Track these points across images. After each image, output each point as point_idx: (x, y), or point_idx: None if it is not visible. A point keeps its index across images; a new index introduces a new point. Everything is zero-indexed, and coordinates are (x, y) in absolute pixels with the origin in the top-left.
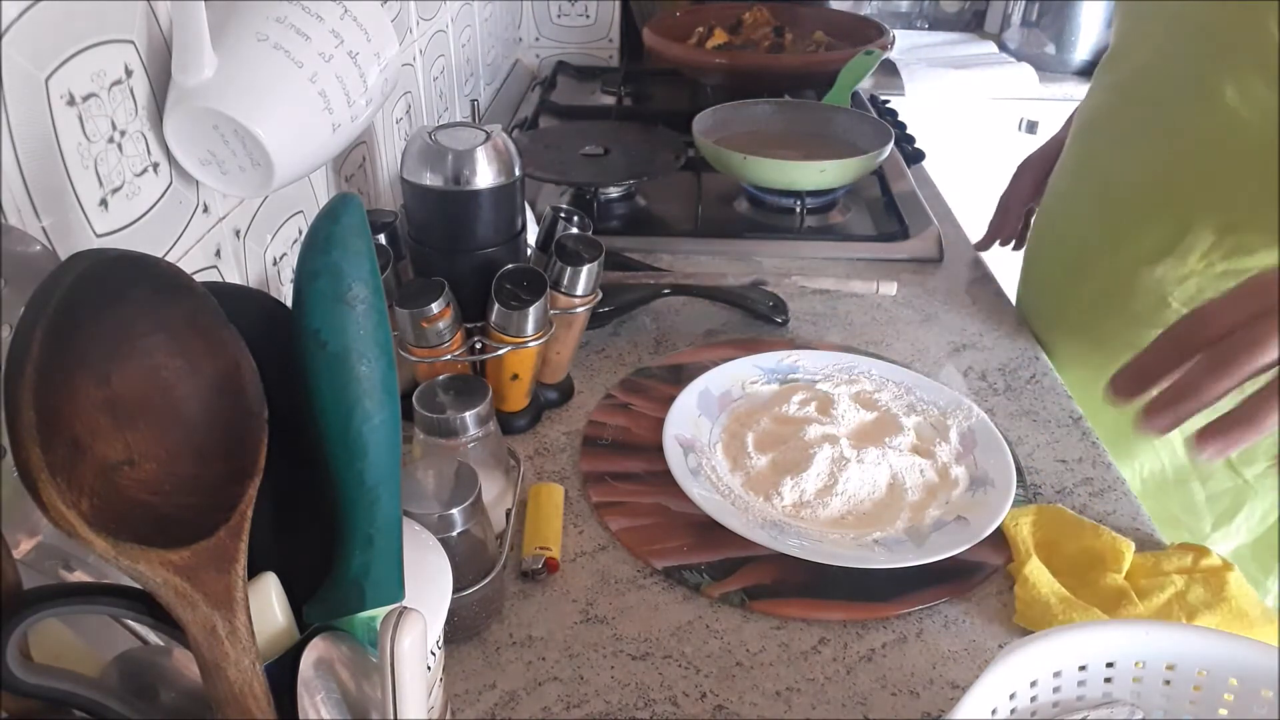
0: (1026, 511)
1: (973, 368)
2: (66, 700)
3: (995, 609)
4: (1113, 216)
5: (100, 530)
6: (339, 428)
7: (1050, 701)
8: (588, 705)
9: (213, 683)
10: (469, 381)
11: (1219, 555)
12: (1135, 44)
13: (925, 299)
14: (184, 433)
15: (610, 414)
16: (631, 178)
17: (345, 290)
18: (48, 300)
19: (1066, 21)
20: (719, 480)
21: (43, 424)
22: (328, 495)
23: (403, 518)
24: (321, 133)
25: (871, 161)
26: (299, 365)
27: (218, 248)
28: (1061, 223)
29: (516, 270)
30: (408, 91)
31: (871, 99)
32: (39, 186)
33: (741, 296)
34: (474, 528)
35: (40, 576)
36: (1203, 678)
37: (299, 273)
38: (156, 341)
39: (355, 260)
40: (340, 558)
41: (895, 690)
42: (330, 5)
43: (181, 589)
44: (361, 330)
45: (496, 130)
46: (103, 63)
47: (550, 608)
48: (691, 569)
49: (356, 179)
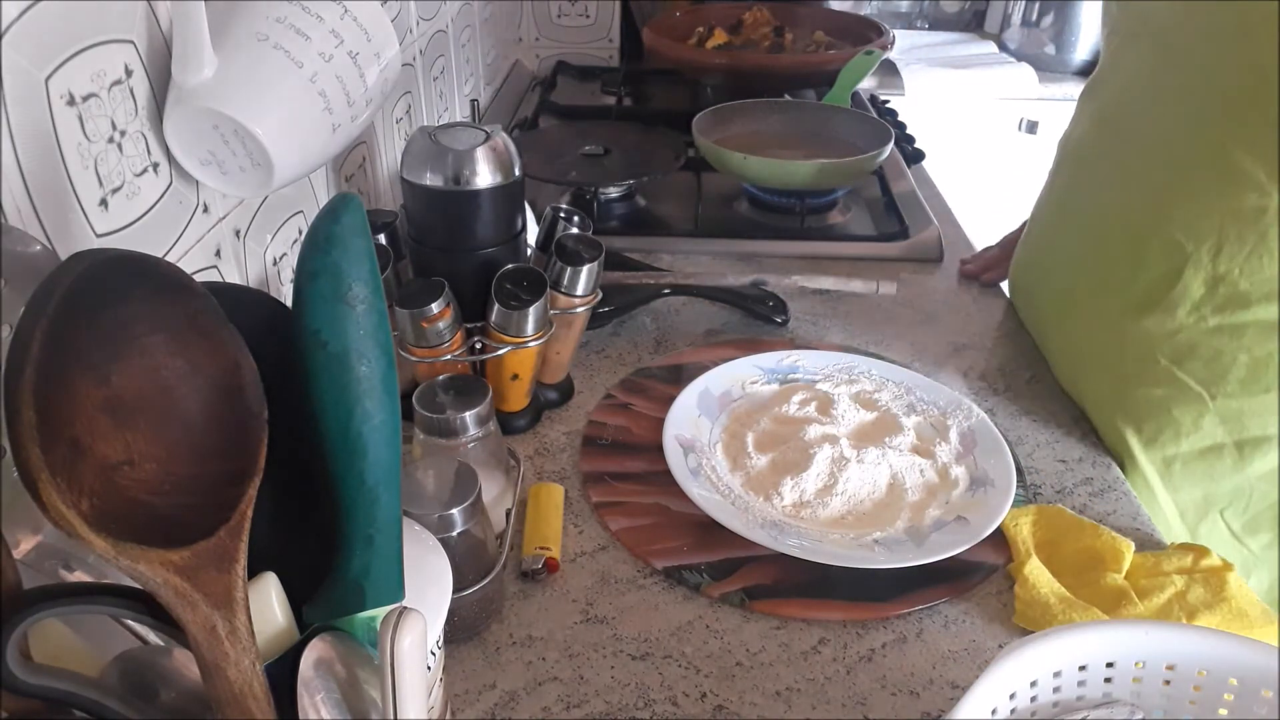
0: (1026, 511)
1: (973, 368)
2: (66, 700)
3: (995, 609)
4: (1097, 260)
5: (100, 530)
6: (339, 428)
7: (1050, 701)
8: (588, 705)
9: (213, 683)
10: (469, 381)
11: (1219, 555)
12: (1122, 67)
13: (925, 299)
14: (184, 433)
15: (610, 414)
16: (631, 178)
17: (345, 290)
18: (48, 300)
19: (1066, 21)
20: (719, 480)
21: (43, 424)
22: (328, 495)
23: (403, 518)
24: (321, 133)
25: (871, 161)
26: (299, 365)
27: (218, 248)
28: (1046, 258)
29: (516, 270)
30: (408, 91)
31: (871, 99)
32: (39, 186)
33: (741, 296)
34: (474, 528)
35: (40, 576)
36: (1203, 678)
37: (299, 272)
38: (156, 341)
39: (356, 260)
40: (340, 558)
41: (895, 690)
42: (330, 5)
43: (182, 589)
44: (362, 330)
45: (496, 130)
46: (103, 63)
47: (550, 608)
48: (691, 569)
49: (356, 179)
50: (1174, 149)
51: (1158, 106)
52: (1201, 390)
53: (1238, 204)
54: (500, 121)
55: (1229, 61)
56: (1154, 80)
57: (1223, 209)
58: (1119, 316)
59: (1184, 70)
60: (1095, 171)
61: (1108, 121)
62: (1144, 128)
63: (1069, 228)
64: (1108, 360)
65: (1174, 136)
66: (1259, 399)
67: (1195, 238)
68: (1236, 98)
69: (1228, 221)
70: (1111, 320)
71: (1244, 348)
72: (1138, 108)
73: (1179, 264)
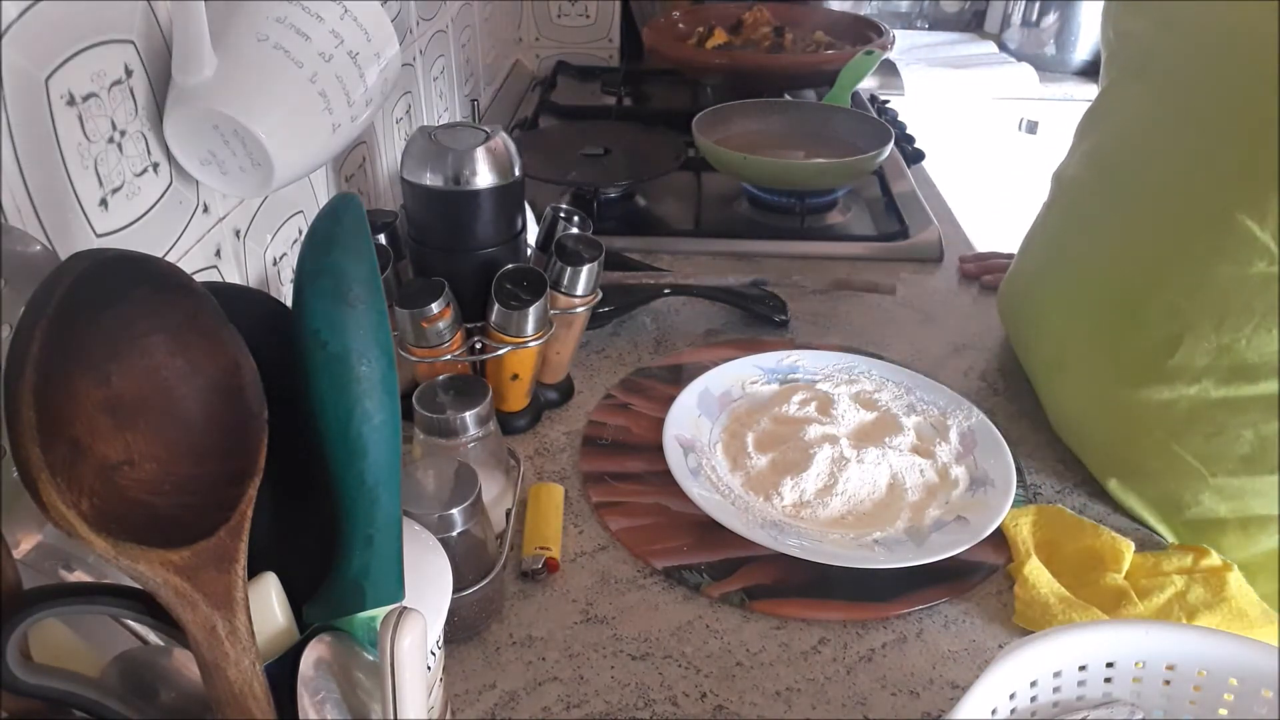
0: (1026, 511)
1: (973, 368)
2: (66, 700)
3: (995, 609)
4: (1090, 316)
5: (100, 530)
6: (339, 428)
7: (1050, 701)
8: (588, 705)
9: (213, 683)
10: (469, 381)
11: (1218, 555)
12: (1121, 107)
13: (925, 299)
14: (184, 432)
15: (610, 414)
16: (631, 178)
17: (346, 290)
18: (48, 300)
19: (1066, 21)
20: (719, 480)
21: (42, 424)
22: (327, 495)
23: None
24: (321, 133)
25: (871, 161)
26: (299, 365)
27: (218, 248)
28: (1036, 301)
29: (516, 270)
30: (408, 91)
31: (871, 99)
32: (39, 186)
33: (741, 296)
34: (474, 528)
35: (40, 576)
36: (1203, 678)
37: (299, 272)
38: (156, 342)
39: (356, 260)
40: (340, 558)
41: (895, 690)
42: (330, 5)
43: (182, 589)
44: (362, 330)
45: (496, 130)
46: (103, 63)
47: (550, 608)
48: (691, 569)
49: (356, 179)
50: (1175, 206)
51: (1158, 159)
52: (1200, 467)
53: (1243, 271)
54: (500, 121)
55: (1237, 117)
56: (1154, 128)
57: (1227, 275)
58: (1113, 383)
59: (1187, 122)
60: (1089, 217)
61: (1104, 166)
62: (1143, 178)
63: (1061, 273)
64: (1101, 424)
65: (1175, 192)
66: (1263, 479)
67: (1197, 303)
68: (1244, 157)
69: (1232, 289)
70: (1105, 385)
71: (1249, 424)
72: (1136, 156)
73: (1178, 330)
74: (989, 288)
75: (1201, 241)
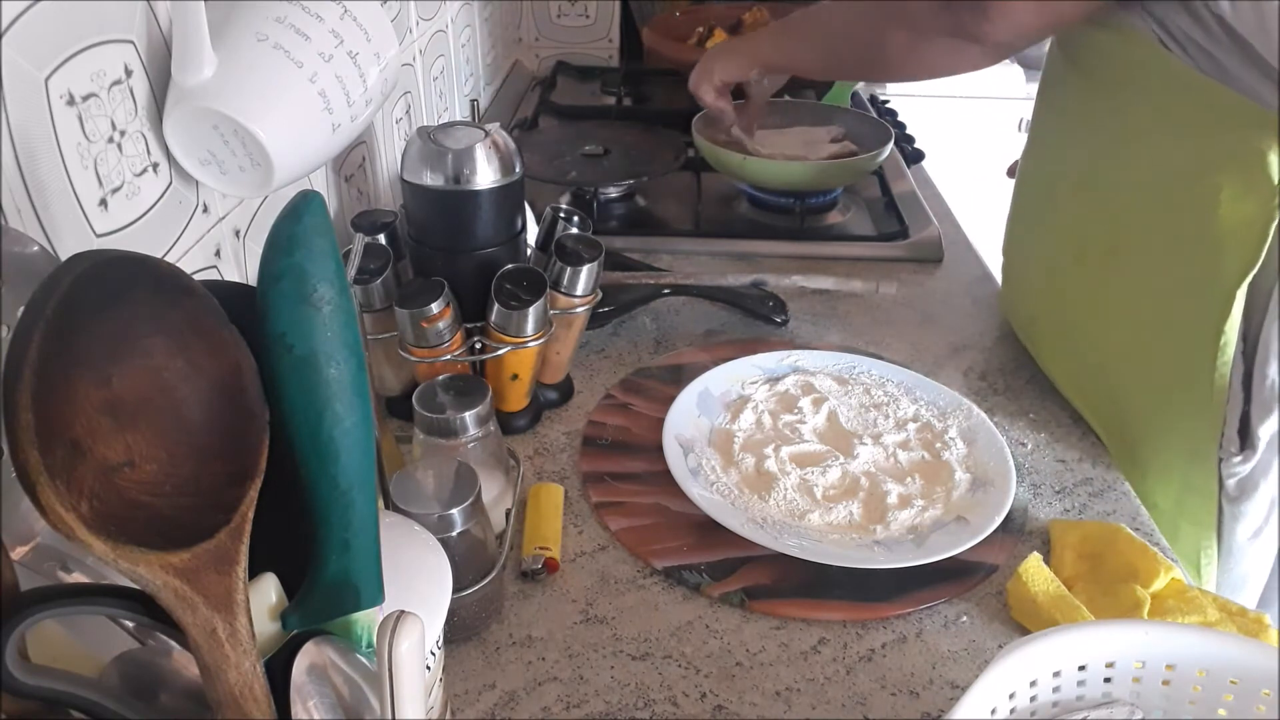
0: (1079, 526)
1: (972, 368)
2: (65, 701)
3: (995, 609)
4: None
5: (99, 532)
6: (309, 432)
7: (1050, 701)
8: (588, 705)
9: (213, 685)
10: (469, 381)
11: (1270, 619)
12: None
13: (925, 299)
14: (184, 434)
15: (610, 414)
16: (631, 178)
17: (310, 292)
18: (46, 301)
19: None
20: (718, 480)
21: (41, 426)
22: (302, 500)
23: (400, 518)
24: (321, 133)
25: (871, 161)
26: (266, 370)
27: (218, 248)
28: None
29: (516, 270)
30: (408, 91)
31: (871, 99)
32: (39, 186)
33: (741, 296)
34: (474, 528)
35: (38, 578)
36: (1203, 678)
37: (262, 275)
38: (157, 342)
39: (320, 260)
40: (317, 562)
41: (895, 690)
42: (330, 5)
43: (181, 591)
44: (329, 332)
45: (496, 130)
46: (102, 63)
47: (550, 608)
48: (691, 569)
49: (356, 179)
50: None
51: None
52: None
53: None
54: (500, 121)
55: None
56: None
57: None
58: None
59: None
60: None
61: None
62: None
63: (1043, 230)
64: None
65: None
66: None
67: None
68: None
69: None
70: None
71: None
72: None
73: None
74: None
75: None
